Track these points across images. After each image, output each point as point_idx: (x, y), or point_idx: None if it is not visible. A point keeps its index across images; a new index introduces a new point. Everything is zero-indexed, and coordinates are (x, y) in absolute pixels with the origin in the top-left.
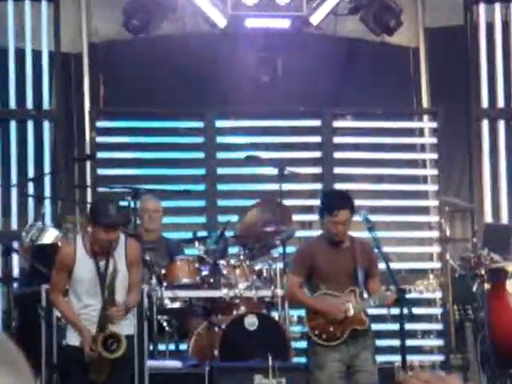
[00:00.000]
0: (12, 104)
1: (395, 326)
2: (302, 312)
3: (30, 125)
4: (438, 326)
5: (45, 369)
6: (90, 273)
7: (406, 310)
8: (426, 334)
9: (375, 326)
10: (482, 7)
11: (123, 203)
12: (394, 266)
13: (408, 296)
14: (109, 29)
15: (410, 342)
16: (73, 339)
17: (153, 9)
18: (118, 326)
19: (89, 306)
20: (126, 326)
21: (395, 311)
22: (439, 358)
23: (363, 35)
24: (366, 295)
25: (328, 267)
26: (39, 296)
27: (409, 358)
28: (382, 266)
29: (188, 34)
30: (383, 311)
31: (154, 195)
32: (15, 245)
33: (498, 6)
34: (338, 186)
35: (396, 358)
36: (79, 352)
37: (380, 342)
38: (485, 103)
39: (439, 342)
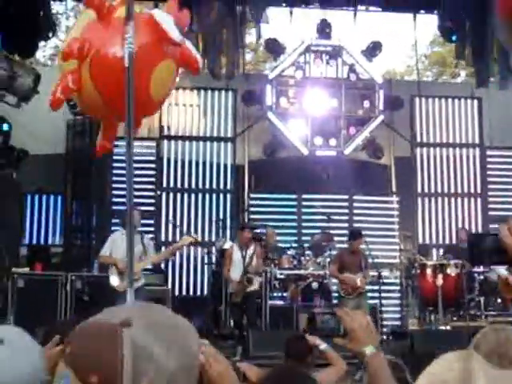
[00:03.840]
0: (214, 185)
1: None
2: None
3: (221, 196)
4: (398, 287)
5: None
6: (239, 257)
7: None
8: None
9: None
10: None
11: (260, 229)
12: (378, 260)
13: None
14: (256, 153)
15: (385, 294)
16: (230, 287)
17: (277, 145)
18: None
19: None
20: (257, 282)
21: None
22: (397, 301)
23: (366, 158)
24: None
25: (349, 262)
26: (221, 273)
27: (384, 301)
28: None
29: (290, 156)
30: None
31: (271, 228)
32: (212, 249)
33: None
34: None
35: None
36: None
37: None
38: (419, 189)
39: (398, 295)
